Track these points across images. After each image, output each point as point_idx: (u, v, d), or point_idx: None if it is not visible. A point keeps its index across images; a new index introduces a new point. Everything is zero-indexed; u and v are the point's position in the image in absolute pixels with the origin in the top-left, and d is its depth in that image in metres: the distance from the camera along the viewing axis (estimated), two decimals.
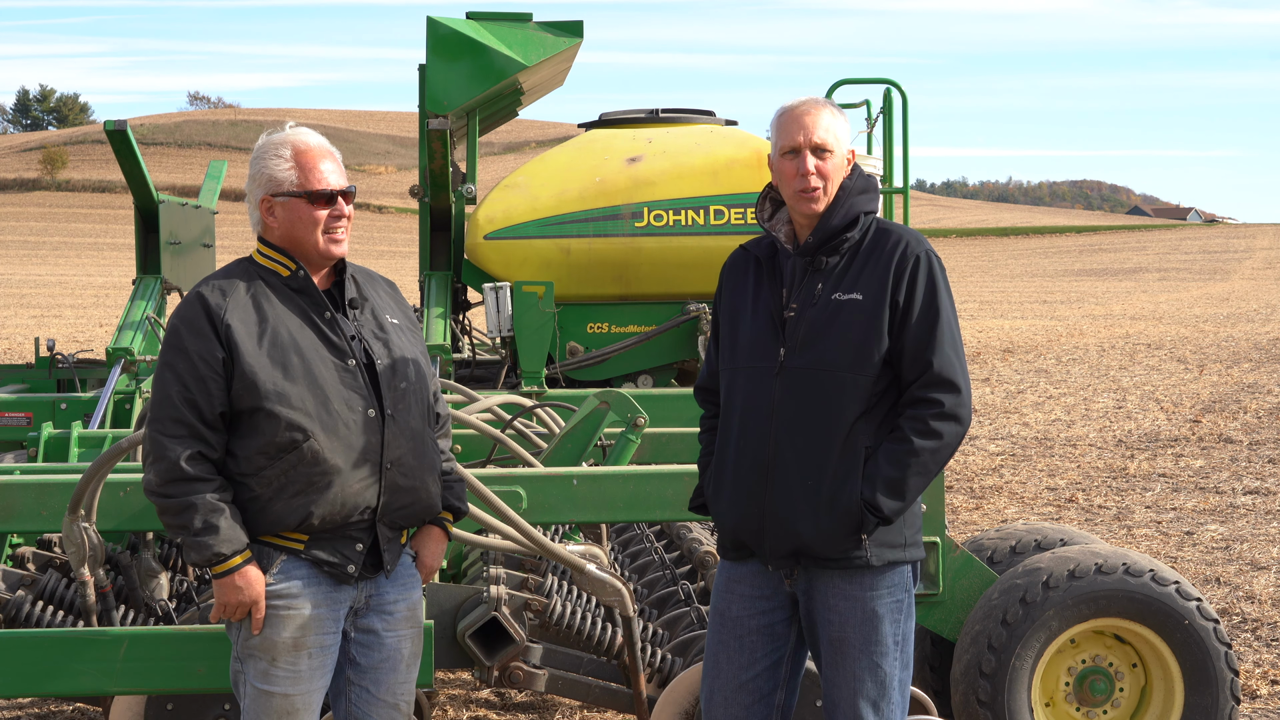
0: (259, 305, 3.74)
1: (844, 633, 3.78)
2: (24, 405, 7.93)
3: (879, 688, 3.79)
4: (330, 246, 3.80)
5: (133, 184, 8.94)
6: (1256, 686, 6.68)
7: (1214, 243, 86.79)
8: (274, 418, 3.65)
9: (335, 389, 3.71)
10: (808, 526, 3.73)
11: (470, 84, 8.74)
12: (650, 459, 5.98)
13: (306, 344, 3.73)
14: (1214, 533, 10.13)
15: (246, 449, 3.68)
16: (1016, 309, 39.73)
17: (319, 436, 3.67)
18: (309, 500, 3.67)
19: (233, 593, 3.67)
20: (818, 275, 3.82)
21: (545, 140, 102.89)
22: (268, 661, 3.72)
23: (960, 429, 3.75)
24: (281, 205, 3.78)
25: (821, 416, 3.74)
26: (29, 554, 5.39)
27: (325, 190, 3.78)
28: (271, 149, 3.81)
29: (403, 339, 3.90)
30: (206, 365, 3.66)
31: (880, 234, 3.82)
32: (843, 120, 3.89)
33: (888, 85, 8.83)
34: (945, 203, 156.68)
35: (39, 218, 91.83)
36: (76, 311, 36.04)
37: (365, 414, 3.74)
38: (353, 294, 3.87)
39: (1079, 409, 17.35)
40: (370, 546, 3.78)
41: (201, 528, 3.62)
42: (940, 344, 3.73)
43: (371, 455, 3.73)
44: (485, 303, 8.56)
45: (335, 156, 3.87)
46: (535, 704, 6.49)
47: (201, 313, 3.69)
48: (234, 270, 3.83)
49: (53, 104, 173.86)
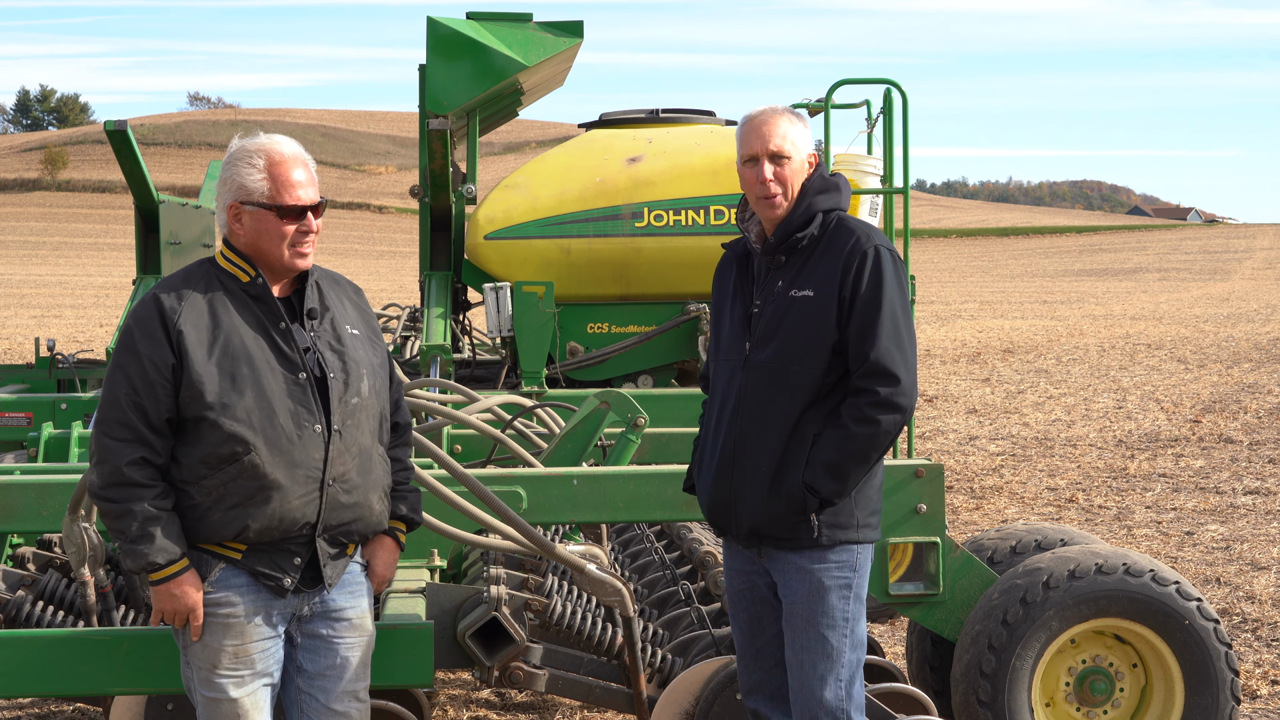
0: (214, 312, 3.70)
1: (794, 607, 4.03)
2: (24, 405, 7.93)
3: (828, 661, 4.00)
4: (295, 260, 3.76)
5: (133, 184, 8.94)
6: (1257, 686, 6.68)
7: (1214, 243, 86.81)
8: (217, 428, 3.62)
9: (282, 402, 3.67)
10: (758, 509, 4.00)
11: (470, 84, 8.73)
12: (650, 459, 5.98)
13: (258, 354, 3.68)
14: (1214, 533, 10.13)
15: (190, 457, 3.65)
16: (1017, 309, 39.73)
17: (261, 450, 3.63)
18: (246, 513, 3.65)
19: (169, 600, 3.67)
20: (779, 272, 4.05)
21: (545, 140, 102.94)
22: (208, 669, 3.72)
23: (898, 417, 3.94)
24: (250, 214, 3.74)
25: (774, 407, 3.98)
26: (29, 554, 5.39)
27: (295, 206, 3.74)
28: (245, 156, 3.75)
29: (361, 351, 3.85)
30: (156, 370, 3.63)
31: (838, 231, 4.02)
32: (801, 126, 4.08)
33: (888, 85, 8.81)
34: (945, 203, 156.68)
35: (39, 218, 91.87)
36: (76, 311, 36.04)
37: (311, 429, 3.69)
38: (312, 304, 3.81)
39: (1079, 409, 17.35)
40: (309, 560, 3.75)
41: (138, 535, 3.60)
42: (880, 336, 3.91)
43: (314, 471, 3.69)
44: (485, 303, 8.56)
45: (309, 166, 3.82)
46: (535, 704, 6.49)
47: (156, 316, 3.66)
48: (194, 272, 3.79)
49: (53, 104, 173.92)
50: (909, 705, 4.81)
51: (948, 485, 11.31)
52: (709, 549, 5.61)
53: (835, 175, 4.10)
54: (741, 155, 4.07)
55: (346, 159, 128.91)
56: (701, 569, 5.61)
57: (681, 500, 4.75)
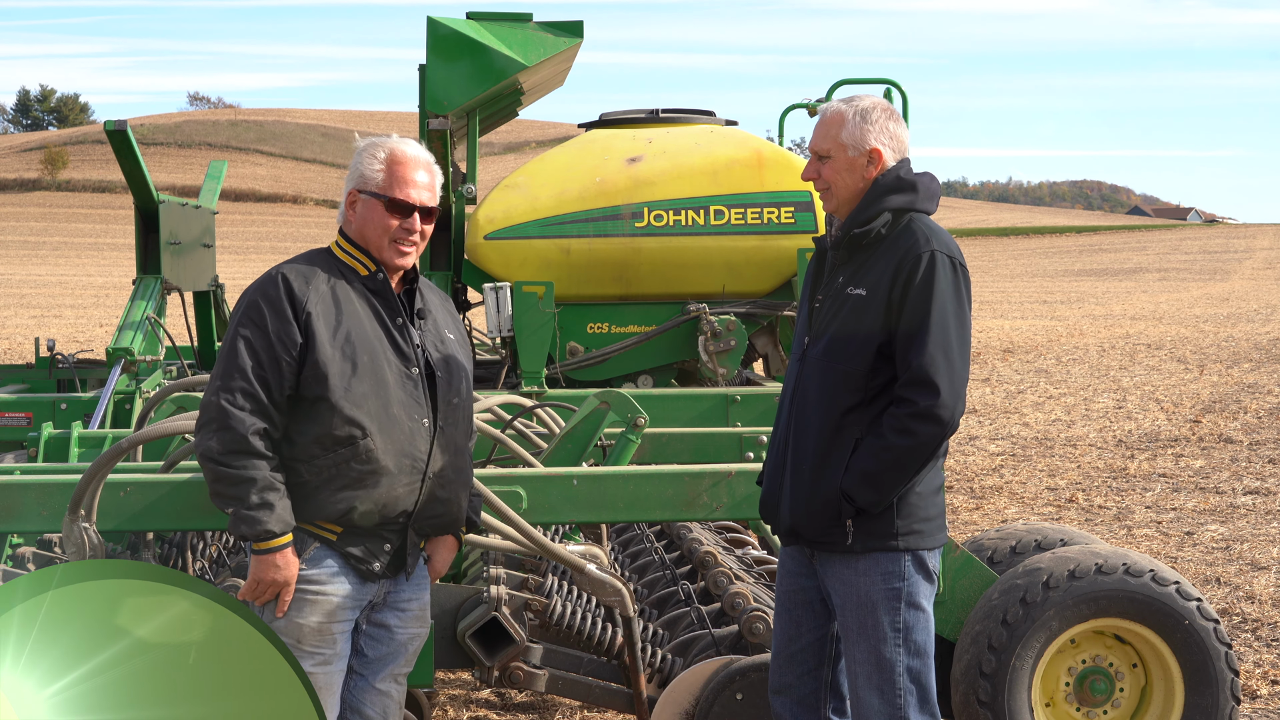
0: (337, 299, 3.80)
1: (844, 617, 3.99)
2: (24, 405, 7.93)
3: (882, 674, 3.93)
4: (394, 257, 3.87)
5: (133, 184, 8.94)
6: (1256, 686, 6.68)
7: (1214, 243, 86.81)
8: (336, 410, 3.72)
9: (397, 394, 3.79)
10: (795, 508, 3.97)
11: (470, 84, 8.73)
12: (650, 459, 5.98)
13: (377, 345, 3.80)
14: (1214, 533, 10.13)
15: (304, 436, 3.75)
16: (1016, 309, 39.73)
17: (376, 436, 3.74)
18: (354, 495, 3.76)
19: (271, 570, 3.74)
20: (842, 268, 4.02)
21: (545, 140, 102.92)
22: (294, 642, 3.79)
23: (938, 429, 3.83)
24: (363, 202, 3.88)
25: (822, 405, 3.94)
26: (29, 554, 5.39)
27: (403, 201, 3.85)
28: (370, 149, 3.91)
29: (458, 355, 4.00)
30: (283, 347, 3.71)
31: (904, 233, 3.94)
32: (857, 122, 4.02)
33: (888, 85, 8.82)
34: (945, 203, 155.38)
35: (39, 218, 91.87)
36: (76, 311, 36.04)
37: (420, 422, 3.83)
38: (421, 304, 3.95)
39: (1079, 409, 17.35)
40: (399, 548, 3.87)
41: (258, 503, 3.68)
42: (926, 344, 3.81)
43: (419, 462, 3.82)
44: (485, 303, 8.56)
45: (432, 171, 3.96)
46: (535, 704, 6.49)
47: (284, 295, 3.75)
48: (315, 259, 3.89)
49: (53, 104, 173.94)
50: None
51: (948, 485, 11.32)
52: (709, 549, 5.60)
53: (922, 175, 4.01)
54: None
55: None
56: (701, 569, 5.61)
57: (681, 500, 4.75)
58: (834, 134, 4.02)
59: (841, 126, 4.00)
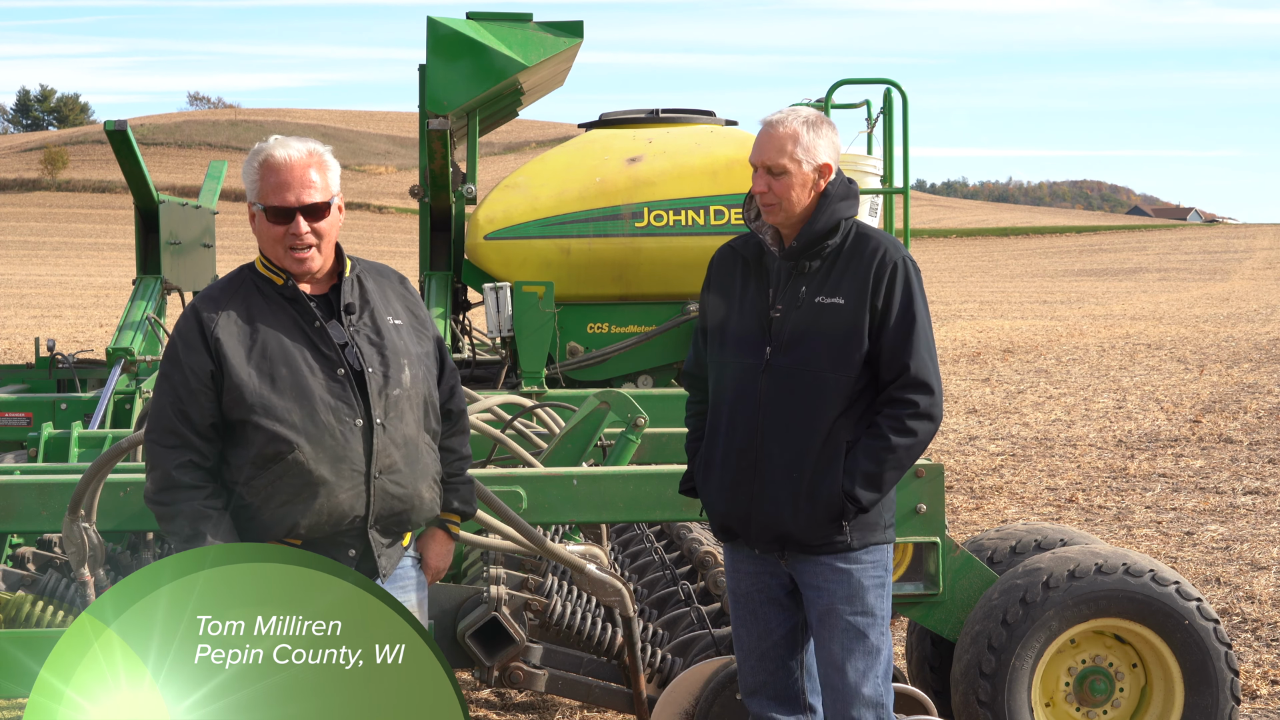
0: (251, 317, 3.77)
1: (832, 606, 4.04)
2: (24, 405, 7.94)
3: (868, 657, 4.04)
4: (292, 265, 3.79)
5: (133, 184, 8.94)
6: (1256, 686, 6.68)
7: (1214, 243, 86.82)
8: (260, 429, 3.69)
9: (323, 399, 3.73)
10: (791, 516, 3.99)
11: (470, 84, 8.74)
12: (650, 459, 5.98)
13: (295, 355, 3.75)
14: (1214, 533, 10.13)
15: (239, 458, 3.73)
16: (1016, 309, 39.74)
17: (304, 448, 3.69)
18: (295, 510, 3.71)
19: None
20: (801, 278, 4.06)
21: (545, 140, 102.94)
22: None
23: (933, 426, 4.03)
24: (255, 215, 3.82)
25: (805, 412, 3.99)
26: (29, 554, 5.39)
27: (279, 207, 3.76)
28: (249, 159, 3.82)
29: (403, 340, 3.88)
30: (197, 378, 3.71)
31: (859, 239, 4.06)
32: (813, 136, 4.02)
33: (888, 85, 8.82)
34: (945, 203, 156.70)
35: (39, 218, 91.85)
36: (76, 311, 36.05)
37: (352, 423, 3.75)
38: (350, 299, 3.85)
39: (1079, 409, 17.35)
40: (363, 552, 3.80)
41: (190, 534, 3.66)
42: (916, 348, 3.99)
43: (358, 465, 3.75)
44: (485, 303, 8.56)
45: (312, 164, 3.80)
46: (535, 704, 6.49)
47: (195, 326, 3.75)
48: (234, 279, 3.86)
49: (53, 104, 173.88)
50: (909, 705, 4.81)
51: (948, 485, 11.32)
52: (709, 549, 5.61)
53: (850, 182, 4.12)
54: (750, 159, 4.13)
55: (346, 159, 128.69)
56: (701, 569, 5.61)
57: (681, 500, 4.74)
58: (789, 149, 4.03)
59: (796, 142, 4.02)
